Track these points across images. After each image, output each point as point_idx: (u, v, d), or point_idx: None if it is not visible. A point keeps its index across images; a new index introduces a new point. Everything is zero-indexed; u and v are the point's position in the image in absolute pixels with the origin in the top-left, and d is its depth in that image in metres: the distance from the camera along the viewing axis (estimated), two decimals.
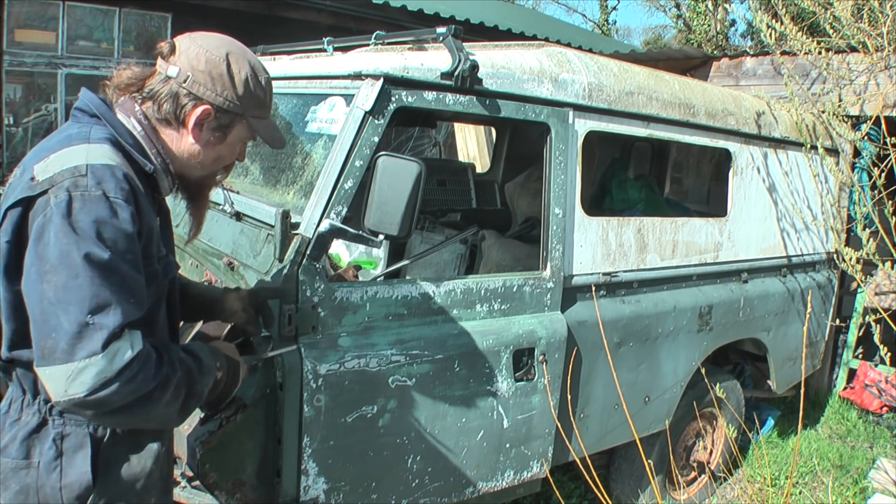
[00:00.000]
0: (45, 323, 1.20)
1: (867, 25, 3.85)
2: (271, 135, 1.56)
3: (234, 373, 1.62)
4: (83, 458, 1.33)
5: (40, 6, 5.21)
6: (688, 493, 3.46)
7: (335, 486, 2.02)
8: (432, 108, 2.16)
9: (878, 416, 4.59)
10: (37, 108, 5.35)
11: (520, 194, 4.51)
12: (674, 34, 19.69)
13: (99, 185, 1.25)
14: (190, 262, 2.35)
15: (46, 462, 1.32)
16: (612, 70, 2.68)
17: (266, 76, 1.52)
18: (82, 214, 1.22)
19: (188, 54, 1.42)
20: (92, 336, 1.19)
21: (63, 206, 1.22)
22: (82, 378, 1.18)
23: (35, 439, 1.33)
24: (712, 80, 5.25)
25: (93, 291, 1.20)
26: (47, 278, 1.20)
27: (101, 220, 1.23)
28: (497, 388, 2.31)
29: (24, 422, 1.34)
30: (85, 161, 1.27)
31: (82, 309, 1.19)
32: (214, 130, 1.46)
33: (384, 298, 2.08)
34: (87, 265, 1.20)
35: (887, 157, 3.18)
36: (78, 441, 1.34)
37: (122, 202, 1.27)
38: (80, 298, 1.19)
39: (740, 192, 3.30)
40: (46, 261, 1.20)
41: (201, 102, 1.42)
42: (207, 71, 1.41)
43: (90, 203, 1.23)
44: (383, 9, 6.41)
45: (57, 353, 1.19)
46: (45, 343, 1.20)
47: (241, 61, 1.46)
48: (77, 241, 1.21)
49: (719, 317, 3.17)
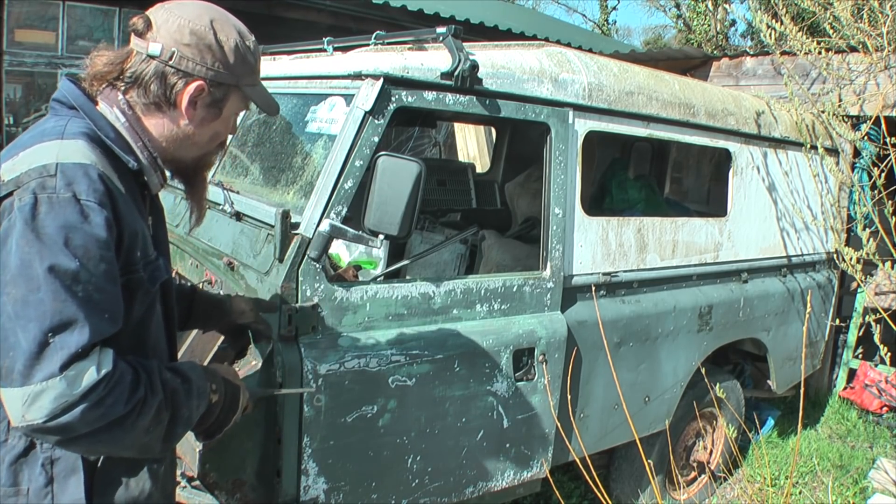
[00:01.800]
0: (4, 340, 1.09)
1: (867, 25, 3.85)
2: (266, 101, 1.45)
3: (234, 398, 1.46)
4: (76, 484, 1.23)
5: (40, 6, 5.21)
6: (688, 493, 3.46)
7: (335, 486, 2.02)
8: (432, 108, 2.16)
9: (878, 416, 4.59)
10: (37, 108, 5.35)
11: (520, 194, 4.51)
12: (674, 34, 19.69)
13: (69, 186, 1.13)
14: (190, 262, 2.35)
15: (37, 489, 1.22)
16: (612, 70, 2.68)
17: (252, 39, 1.39)
18: (49, 219, 1.10)
19: (168, 28, 1.27)
20: (51, 357, 1.07)
21: (28, 209, 1.10)
22: (40, 402, 1.07)
23: (23, 464, 1.22)
24: (712, 80, 5.25)
25: (55, 307, 1.08)
26: (6, 290, 1.09)
27: (69, 226, 1.11)
28: (497, 388, 2.31)
29: (10, 445, 1.23)
30: (55, 160, 1.15)
31: (42, 326, 1.07)
32: (209, 106, 1.34)
33: (384, 298, 2.08)
34: (51, 277, 1.08)
35: (887, 157, 3.18)
36: (69, 465, 1.23)
37: (95, 205, 1.14)
38: (40, 314, 1.07)
39: (740, 192, 3.30)
40: (7, 270, 1.09)
41: (193, 79, 1.29)
42: (194, 43, 1.28)
43: (58, 206, 1.11)
44: (383, 9, 6.40)
45: (14, 374, 1.08)
46: (2, 362, 1.09)
47: (227, 27, 1.33)
48: (40, 250, 1.09)
49: (719, 317, 3.17)
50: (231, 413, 1.46)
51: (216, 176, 2.57)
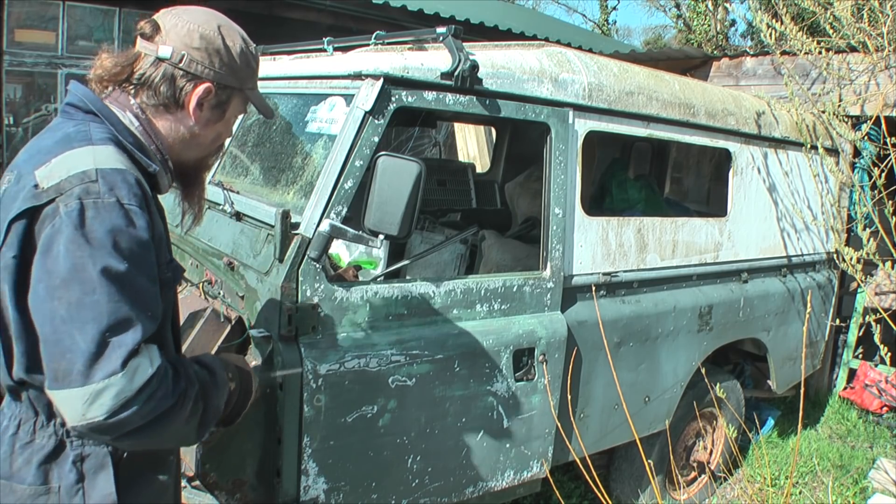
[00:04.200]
0: (58, 343, 1.12)
1: (867, 25, 3.85)
2: (264, 104, 1.51)
3: (247, 384, 1.54)
4: (106, 479, 1.27)
5: (40, 6, 5.20)
6: (688, 493, 3.46)
7: (335, 486, 2.02)
8: (432, 108, 2.16)
9: (878, 416, 4.59)
10: (37, 108, 5.35)
11: (520, 194, 4.51)
12: (674, 34, 19.68)
13: (112, 191, 1.17)
14: (190, 262, 2.35)
15: (68, 486, 1.25)
16: (612, 70, 2.68)
17: (254, 45, 1.47)
18: (96, 224, 1.14)
19: (178, 32, 1.32)
20: (110, 355, 1.12)
21: (75, 215, 1.13)
22: (101, 400, 1.11)
23: (53, 463, 1.26)
24: (712, 80, 5.25)
25: (111, 308, 1.13)
26: (58, 294, 1.12)
27: (116, 230, 1.15)
28: (497, 388, 2.31)
29: (38, 445, 1.26)
30: (93, 165, 1.19)
31: (100, 326, 1.12)
32: (214, 108, 1.39)
33: (384, 298, 2.08)
34: (104, 279, 1.13)
35: (887, 157, 3.18)
36: (98, 462, 1.28)
37: (137, 209, 1.19)
38: (97, 315, 1.12)
39: (740, 192, 3.30)
40: (56, 275, 1.13)
41: (201, 81, 1.34)
42: (203, 47, 1.33)
43: (104, 211, 1.15)
44: (383, 9, 6.40)
45: (73, 376, 1.11)
46: (58, 365, 1.13)
47: (233, 33, 1.40)
48: (92, 253, 1.13)
49: (719, 317, 3.17)
50: (246, 399, 1.54)
51: (216, 176, 2.57)
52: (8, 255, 1.17)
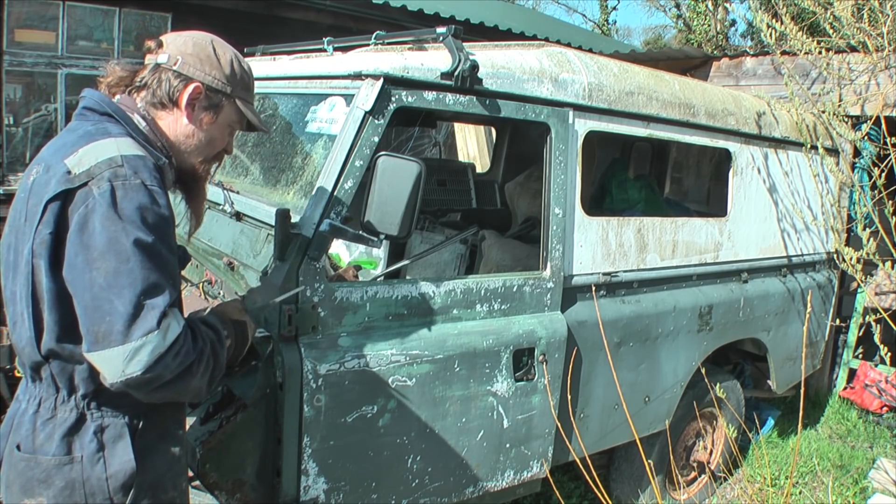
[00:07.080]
0: (98, 308, 1.26)
1: (867, 25, 3.85)
2: (258, 118, 1.63)
3: (243, 335, 1.67)
4: (124, 447, 1.40)
5: (40, 6, 5.20)
6: (688, 493, 3.46)
7: (335, 486, 2.02)
8: (432, 108, 2.16)
9: (878, 416, 4.59)
10: (37, 108, 5.35)
11: (520, 194, 4.51)
12: (674, 34, 19.68)
13: (136, 174, 1.33)
14: (190, 262, 2.34)
15: (90, 455, 1.37)
16: (612, 70, 2.67)
17: (248, 64, 1.62)
18: (126, 202, 1.29)
19: (175, 43, 1.52)
20: (146, 315, 1.27)
21: (107, 195, 1.29)
22: (139, 356, 1.26)
23: (75, 435, 1.38)
24: (712, 80, 5.25)
25: (144, 274, 1.28)
26: (96, 265, 1.26)
27: (143, 207, 1.31)
28: (497, 388, 2.31)
29: (60, 419, 1.38)
30: (118, 152, 1.34)
31: (136, 291, 1.26)
32: (206, 109, 1.53)
33: (384, 298, 2.08)
34: (137, 249, 1.28)
35: (887, 157, 3.18)
36: (117, 432, 1.40)
37: (159, 189, 1.35)
38: (133, 281, 1.26)
39: (740, 192, 3.30)
40: (94, 248, 1.27)
41: (192, 81, 1.49)
42: (195, 53, 1.51)
43: (132, 191, 1.31)
44: (383, 9, 6.40)
45: (113, 336, 1.25)
46: (98, 328, 1.26)
47: (225, 47, 1.57)
48: (124, 227, 1.28)
49: (719, 317, 3.17)
50: (242, 347, 1.67)
51: (216, 176, 2.57)
52: (45, 232, 1.31)
